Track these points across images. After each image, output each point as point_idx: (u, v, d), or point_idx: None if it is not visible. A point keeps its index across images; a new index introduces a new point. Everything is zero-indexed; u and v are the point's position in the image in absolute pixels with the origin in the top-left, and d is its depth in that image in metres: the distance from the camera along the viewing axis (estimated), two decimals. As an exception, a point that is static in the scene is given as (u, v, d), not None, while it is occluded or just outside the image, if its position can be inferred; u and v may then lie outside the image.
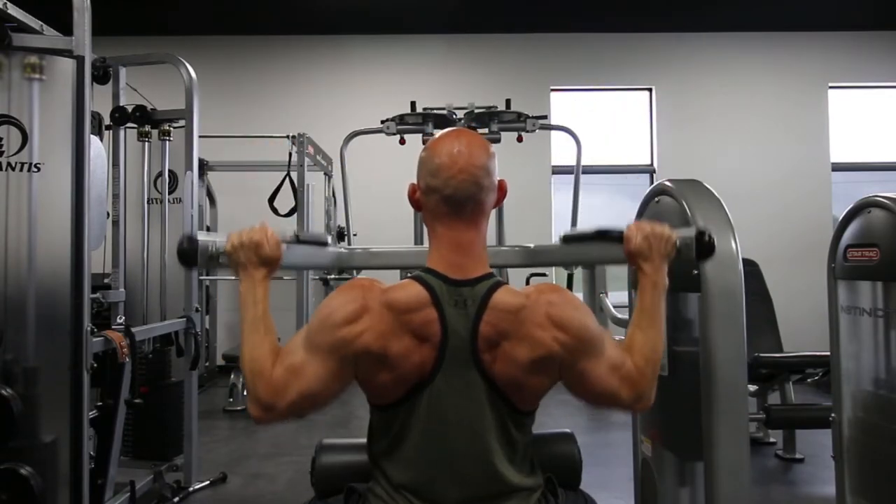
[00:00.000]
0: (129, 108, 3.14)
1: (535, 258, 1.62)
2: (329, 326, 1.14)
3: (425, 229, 1.29)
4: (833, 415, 2.10)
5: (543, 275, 4.61)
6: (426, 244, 1.27)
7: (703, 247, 1.33)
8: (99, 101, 2.68)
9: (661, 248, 1.30)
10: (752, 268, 4.17)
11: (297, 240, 1.38)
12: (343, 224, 4.72)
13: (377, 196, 5.81)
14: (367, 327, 1.12)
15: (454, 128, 1.33)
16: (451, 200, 1.17)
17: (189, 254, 1.27)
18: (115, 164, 2.98)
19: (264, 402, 1.14)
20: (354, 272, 3.92)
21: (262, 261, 1.27)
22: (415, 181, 1.26)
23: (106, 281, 3.03)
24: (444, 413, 1.14)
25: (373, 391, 1.20)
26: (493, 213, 1.32)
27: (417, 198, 1.24)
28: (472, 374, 1.14)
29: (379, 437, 1.22)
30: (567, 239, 1.51)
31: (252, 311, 1.25)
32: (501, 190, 1.25)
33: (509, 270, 3.01)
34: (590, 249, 1.46)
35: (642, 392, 1.24)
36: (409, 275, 1.21)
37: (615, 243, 1.35)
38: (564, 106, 6.71)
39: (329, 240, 1.50)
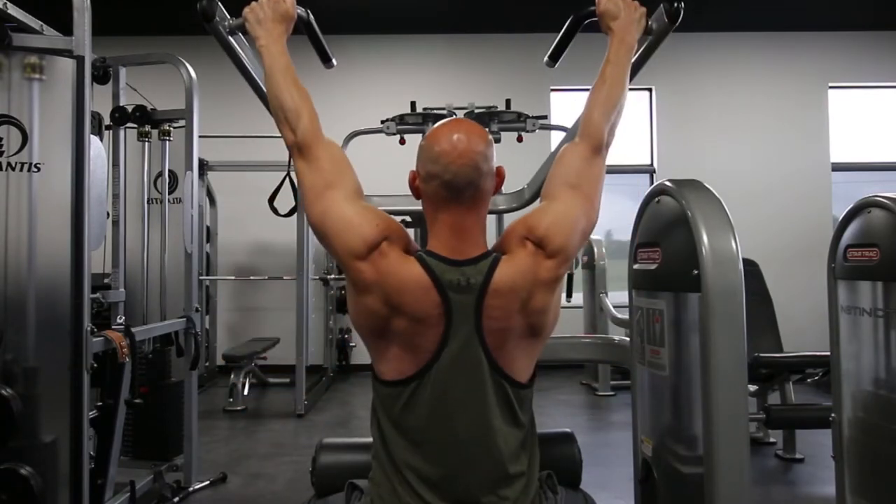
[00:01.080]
0: (129, 108, 3.14)
1: (530, 191, 1.68)
2: (337, 230, 1.19)
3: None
4: (833, 415, 2.10)
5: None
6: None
7: (673, 10, 1.41)
8: (99, 101, 2.68)
9: (630, 11, 1.40)
10: (752, 268, 4.18)
11: (309, 17, 1.45)
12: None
13: (377, 196, 5.80)
14: (355, 267, 1.17)
15: (453, 117, 1.35)
16: (451, 185, 1.19)
17: (207, 9, 1.34)
18: (115, 164, 2.98)
19: (300, 139, 1.27)
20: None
21: (280, 15, 1.34)
22: (414, 169, 1.28)
23: (106, 281, 3.03)
24: (449, 393, 1.16)
25: (372, 343, 1.21)
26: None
27: (417, 185, 1.26)
28: (478, 354, 1.16)
29: (382, 414, 1.22)
30: (552, 56, 1.59)
31: (280, 59, 1.31)
32: (500, 176, 1.27)
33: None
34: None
35: (600, 145, 1.32)
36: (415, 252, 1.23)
37: (590, 18, 1.44)
38: (564, 106, 6.71)
39: (334, 61, 1.56)
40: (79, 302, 2.18)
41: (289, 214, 4.63)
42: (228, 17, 1.40)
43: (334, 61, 1.57)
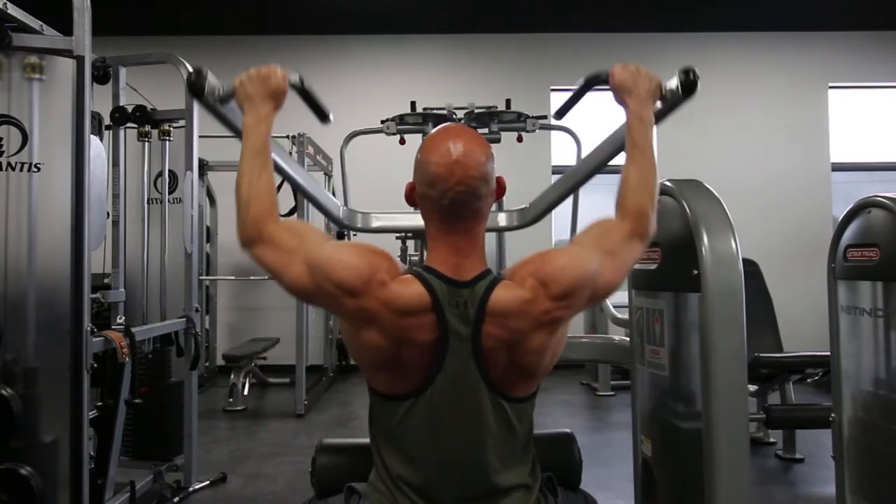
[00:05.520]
0: (129, 108, 3.14)
1: (532, 212, 1.67)
2: (326, 275, 1.12)
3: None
4: (833, 415, 2.10)
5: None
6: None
7: (688, 82, 1.36)
8: (99, 101, 2.68)
9: (645, 84, 1.34)
10: (752, 268, 4.17)
11: (302, 84, 1.40)
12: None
13: (377, 196, 5.79)
14: (355, 305, 1.11)
15: (450, 125, 1.32)
16: (448, 211, 1.16)
17: (197, 85, 1.28)
18: (115, 164, 2.98)
19: (251, 232, 1.21)
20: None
21: (269, 93, 1.28)
22: (411, 180, 1.24)
23: (106, 281, 3.03)
24: (443, 414, 1.14)
25: (363, 365, 1.19)
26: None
27: (415, 198, 1.23)
28: (473, 377, 1.13)
29: (378, 425, 1.22)
30: (560, 112, 1.57)
31: (254, 143, 1.26)
32: (500, 186, 1.23)
33: (508, 256, 3.00)
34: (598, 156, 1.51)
35: (644, 230, 1.27)
36: (412, 269, 1.19)
37: (603, 84, 1.40)
38: (564, 106, 6.71)
39: (331, 117, 1.51)
40: (79, 302, 2.19)
41: (289, 214, 4.62)
42: (218, 86, 1.32)
43: (331, 117, 1.53)
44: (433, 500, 1.15)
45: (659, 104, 1.42)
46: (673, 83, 1.36)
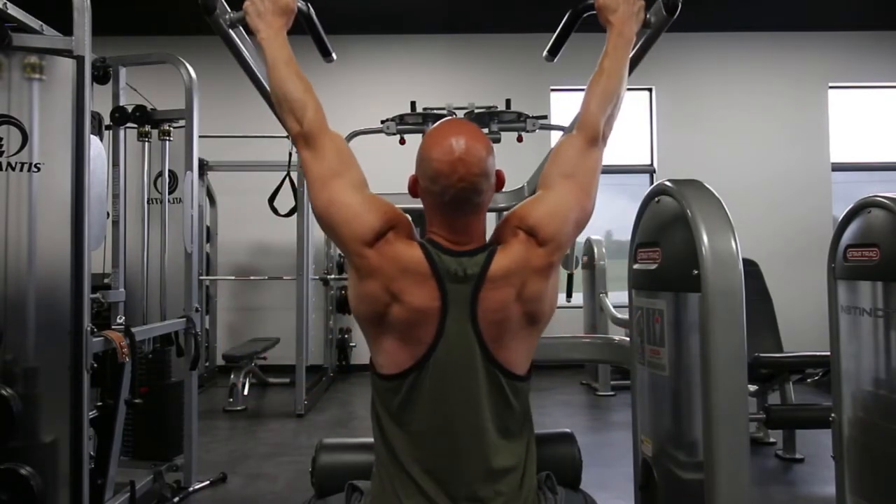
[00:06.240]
0: (129, 108, 3.14)
1: (528, 189, 1.68)
2: (344, 218, 1.20)
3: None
4: (833, 415, 2.10)
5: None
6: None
7: (671, 2, 1.41)
8: (99, 101, 2.68)
9: (628, 5, 1.40)
10: (752, 268, 4.18)
11: (308, 9, 1.45)
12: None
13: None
14: (359, 253, 1.18)
15: (451, 119, 1.34)
16: (450, 205, 1.19)
17: (208, 2, 1.36)
18: (115, 164, 2.98)
19: (306, 129, 1.26)
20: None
21: (280, 8, 1.35)
22: (414, 173, 1.27)
23: (106, 281, 3.03)
24: (446, 385, 1.16)
25: (372, 335, 1.21)
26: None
27: (417, 190, 1.26)
28: (472, 345, 1.16)
29: (381, 407, 1.23)
30: (551, 50, 1.62)
31: (281, 52, 1.32)
32: (500, 180, 1.27)
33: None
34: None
35: (597, 137, 1.34)
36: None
37: (589, 11, 1.45)
38: (564, 106, 6.71)
39: (334, 56, 1.59)
40: (79, 302, 2.18)
41: (289, 214, 4.61)
42: (229, 10, 1.41)
43: (334, 55, 1.58)
44: (438, 479, 1.16)
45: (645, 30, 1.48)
46: (657, 7, 1.42)
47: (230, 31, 1.45)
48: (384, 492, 1.19)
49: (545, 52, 1.66)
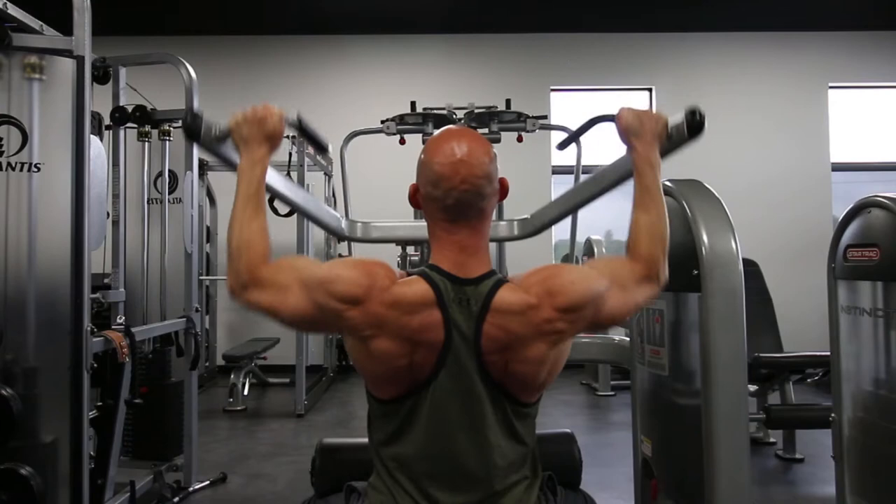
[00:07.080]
0: (129, 108, 3.14)
1: (534, 223, 1.66)
2: (326, 291, 1.12)
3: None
4: (833, 415, 2.10)
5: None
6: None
7: (694, 123, 1.33)
8: (99, 101, 2.68)
9: (652, 126, 1.31)
10: (752, 268, 4.18)
11: (300, 123, 1.35)
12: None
13: (377, 196, 5.80)
14: (360, 314, 1.11)
15: (452, 127, 1.32)
16: (453, 210, 1.16)
17: (193, 128, 1.25)
18: (115, 164, 2.98)
19: (243, 278, 1.16)
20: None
21: (265, 136, 1.25)
22: (415, 181, 1.24)
23: (106, 281, 3.03)
24: (446, 412, 1.14)
25: (369, 378, 1.19)
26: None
27: (418, 199, 1.23)
28: (474, 374, 1.13)
29: (378, 428, 1.21)
30: (563, 144, 1.56)
31: (247, 188, 1.24)
32: (503, 188, 1.24)
33: (509, 263, 3.00)
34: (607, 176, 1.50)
35: (655, 276, 1.25)
36: (414, 270, 1.21)
37: (609, 121, 1.38)
38: (564, 106, 6.71)
39: (329, 147, 1.49)
40: (79, 302, 2.19)
41: (289, 214, 4.62)
42: (215, 126, 1.28)
43: (329, 148, 1.53)
44: (434, 500, 1.15)
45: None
46: (679, 122, 1.34)
47: (219, 145, 1.33)
48: (384, 500, 1.19)
49: (557, 145, 1.63)
